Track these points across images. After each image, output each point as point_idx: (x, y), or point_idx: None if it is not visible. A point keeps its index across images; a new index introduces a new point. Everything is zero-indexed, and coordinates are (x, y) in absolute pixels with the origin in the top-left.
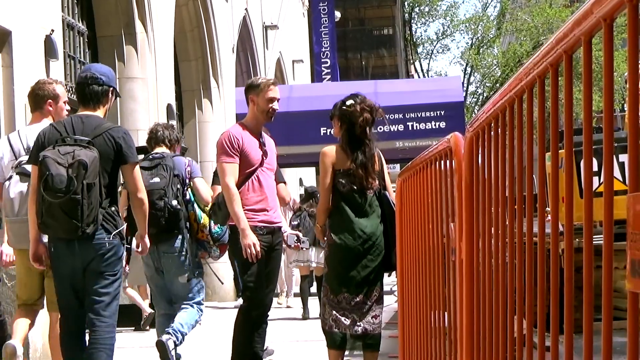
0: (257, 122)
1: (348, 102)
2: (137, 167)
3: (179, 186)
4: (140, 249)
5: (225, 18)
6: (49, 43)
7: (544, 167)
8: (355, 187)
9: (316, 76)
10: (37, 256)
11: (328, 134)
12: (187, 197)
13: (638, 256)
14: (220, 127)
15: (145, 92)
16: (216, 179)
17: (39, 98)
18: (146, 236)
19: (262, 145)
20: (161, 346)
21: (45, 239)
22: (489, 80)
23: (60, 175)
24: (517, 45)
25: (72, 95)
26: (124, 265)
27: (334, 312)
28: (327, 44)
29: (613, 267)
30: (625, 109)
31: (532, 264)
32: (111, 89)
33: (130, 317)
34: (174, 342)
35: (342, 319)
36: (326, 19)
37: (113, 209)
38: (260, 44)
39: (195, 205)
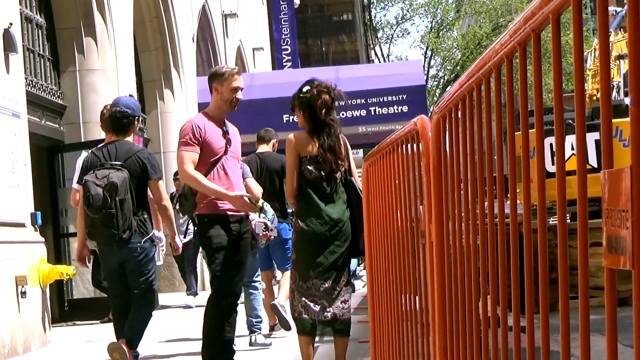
0: (221, 111)
1: (305, 89)
2: (161, 181)
3: None
4: (175, 249)
5: (184, 7)
6: (7, 37)
7: (513, 147)
8: (322, 174)
9: (277, 64)
10: (82, 257)
11: (291, 121)
12: None
13: (614, 232)
14: (183, 117)
15: (106, 83)
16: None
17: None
18: (176, 236)
19: (225, 133)
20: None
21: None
22: (449, 63)
23: (98, 195)
24: (477, 28)
25: (31, 89)
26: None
27: (303, 298)
28: (287, 31)
29: (568, 245)
30: (586, 88)
31: (504, 244)
32: (136, 117)
33: (98, 309)
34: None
35: (312, 305)
36: (285, 5)
37: (145, 216)
38: (220, 33)
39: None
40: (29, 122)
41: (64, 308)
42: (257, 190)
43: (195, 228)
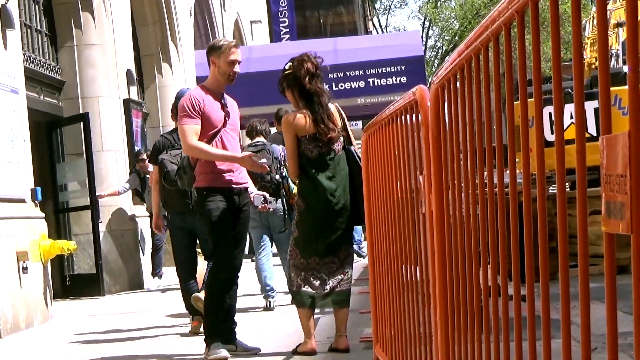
0: (219, 84)
1: (286, 66)
2: None
3: (278, 165)
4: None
5: None
6: (4, 13)
7: (512, 117)
8: (322, 150)
9: (275, 36)
10: (157, 225)
11: None
12: (284, 173)
13: (613, 197)
14: None
15: (104, 58)
16: None
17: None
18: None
19: (224, 106)
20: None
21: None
22: (447, 34)
23: (173, 170)
24: None
25: (29, 64)
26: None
27: (303, 273)
28: (284, 3)
29: (568, 213)
30: (585, 57)
31: (504, 213)
32: None
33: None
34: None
35: (311, 279)
36: None
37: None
38: (217, 6)
39: (289, 179)
40: (28, 97)
41: (65, 283)
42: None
43: (194, 201)
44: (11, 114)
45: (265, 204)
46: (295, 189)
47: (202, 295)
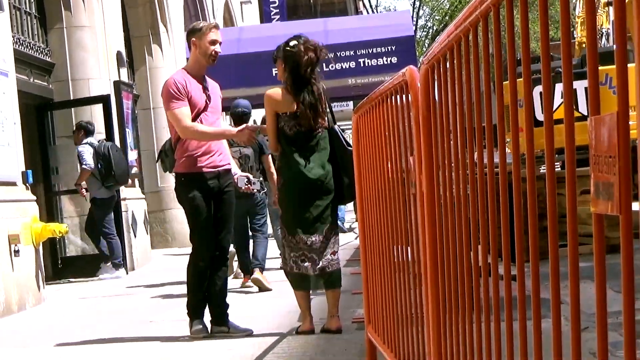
0: (200, 66)
1: (292, 43)
2: (269, 156)
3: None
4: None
5: None
6: None
7: (501, 97)
8: (302, 129)
9: (265, 17)
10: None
11: None
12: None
13: (602, 178)
14: (171, 72)
15: (94, 40)
16: None
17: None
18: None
19: (205, 89)
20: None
21: None
22: (438, 13)
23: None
24: None
25: (18, 47)
26: None
27: (292, 253)
28: None
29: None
30: (575, 35)
31: (494, 193)
32: (250, 114)
33: (92, 266)
34: None
35: (300, 261)
36: None
37: (261, 178)
38: None
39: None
40: (18, 80)
41: (57, 266)
42: (270, 166)
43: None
44: (1, 96)
45: (249, 185)
46: None
47: (257, 274)
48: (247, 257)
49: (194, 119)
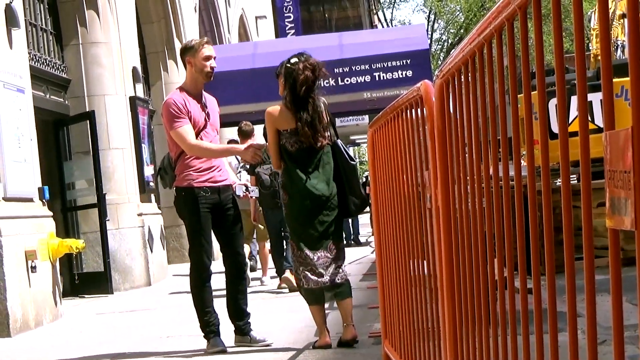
0: (197, 83)
1: (292, 60)
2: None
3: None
4: None
5: None
6: (9, 12)
7: (516, 109)
8: (303, 145)
9: (280, 31)
10: (254, 218)
11: None
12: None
13: (617, 193)
14: None
15: (110, 56)
16: None
17: (247, 133)
18: None
19: (204, 107)
20: None
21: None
22: (453, 27)
23: (267, 180)
24: None
25: (34, 63)
26: None
27: (302, 268)
28: None
29: (572, 206)
30: (591, 48)
31: (509, 207)
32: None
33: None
34: None
35: (309, 274)
36: None
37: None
38: (222, 2)
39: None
40: (34, 96)
41: (74, 281)
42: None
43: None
44: (18, 113)
45: (247, 193)
46: None
47: (288, 275)
48: (282, 263)
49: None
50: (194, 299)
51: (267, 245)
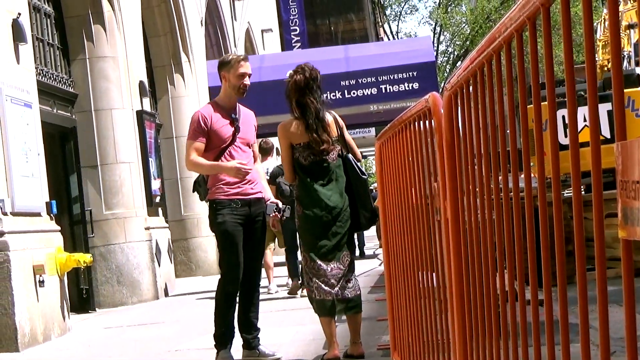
0: (230, 98)
1: (287, 75)
2: None
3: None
4: None
5: None
6: (16, 27)
7: (526, 121)
8: (316, 158)
9: (286, 44)
10: (273, 225)
11: None
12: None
13: (629, 204)
14: (194, 101)
15: (117, 70)
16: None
17: (266, 150)
18: None
19: (233, 122)
20: None
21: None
22: (458, 39)
23: (286, 189)
24: (485, 2)
25: (41, 78)
26: None
27: (314, 279)
28: (295, 11)
29: (584, 217)
30: (597, 59)
31: (519, 218)
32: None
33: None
34: None
35: (322, 285)
36: None
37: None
38: (228, 16)
39: None
40: (41, 111)
41: (82, 295)
42: None
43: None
44: (25, 127)
45: (277, 213)
46: None
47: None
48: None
49: (221, 151)
50: (216, 308)
51: (269, 253)
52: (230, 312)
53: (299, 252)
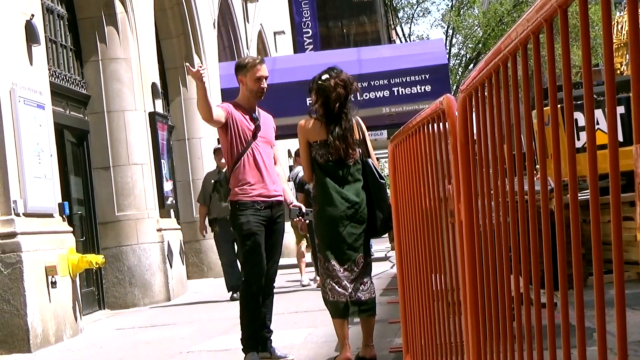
0: (249, 101)
1: (324, 77)
2: None
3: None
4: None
5: None
6: (29, 28)
7: (542, 123)
8: (332, 158)
9: (298, 47)
10: (301, 228)
11: None
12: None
13: None
14: None
15: (129, 72)
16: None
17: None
18: None
19: (254, 120)
20: None
21: None
22: (471, 41)
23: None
24: (498, 5)
25: (54, 79)
26: None
27: (329, 280)
28: (307, 13)
29: (601, 220)
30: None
31: (535, 221)
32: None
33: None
34: None
35: (336, 286)
36: None
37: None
38: (240, 18)
39: None
40: (54, 112)
41: (94, 297)
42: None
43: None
44: (38, 129)
45: (301, 217)
46: None
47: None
48: None
49: (243, 151)
50: (241, 309)
51: (302, 248)
52: (256, 312)
53: None
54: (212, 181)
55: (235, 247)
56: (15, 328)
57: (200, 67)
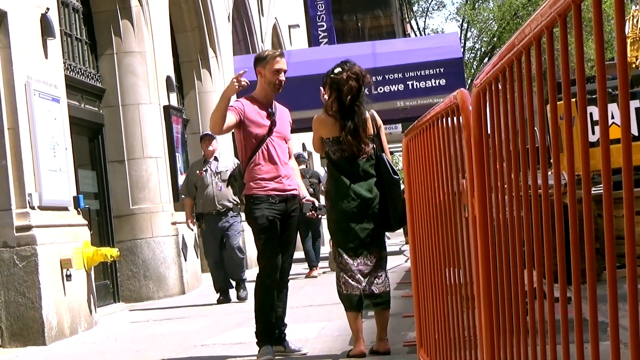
0: (266, 94)
1: (336, 70)
2: None
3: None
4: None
5: None
6: (45, 22)
7: (556, 118)
8: (345, 154)
9: (313, 40)
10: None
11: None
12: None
13: None
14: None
15: (144, 65)
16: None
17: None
18: None
19: (270, 115)
20: None
21: None
22: (486, 35)
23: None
24: None
25: (69, 73)
26: None
27: (342, 273)
28: (322, 7)
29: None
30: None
31: (548, 215)
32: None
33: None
34: None
35: (350, 280)
36: None
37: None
38: (255, 11)
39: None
40: (69, 105)
41: (109, 290)
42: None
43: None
44: (53, 122)
45: (314, 212)
46: None
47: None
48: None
49: (259, 144)
50: (256, 303)
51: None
52: (270, 306)
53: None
54: (209, 173)
55: (221, 246)
56: (30, 321)
57: (243, 74)
